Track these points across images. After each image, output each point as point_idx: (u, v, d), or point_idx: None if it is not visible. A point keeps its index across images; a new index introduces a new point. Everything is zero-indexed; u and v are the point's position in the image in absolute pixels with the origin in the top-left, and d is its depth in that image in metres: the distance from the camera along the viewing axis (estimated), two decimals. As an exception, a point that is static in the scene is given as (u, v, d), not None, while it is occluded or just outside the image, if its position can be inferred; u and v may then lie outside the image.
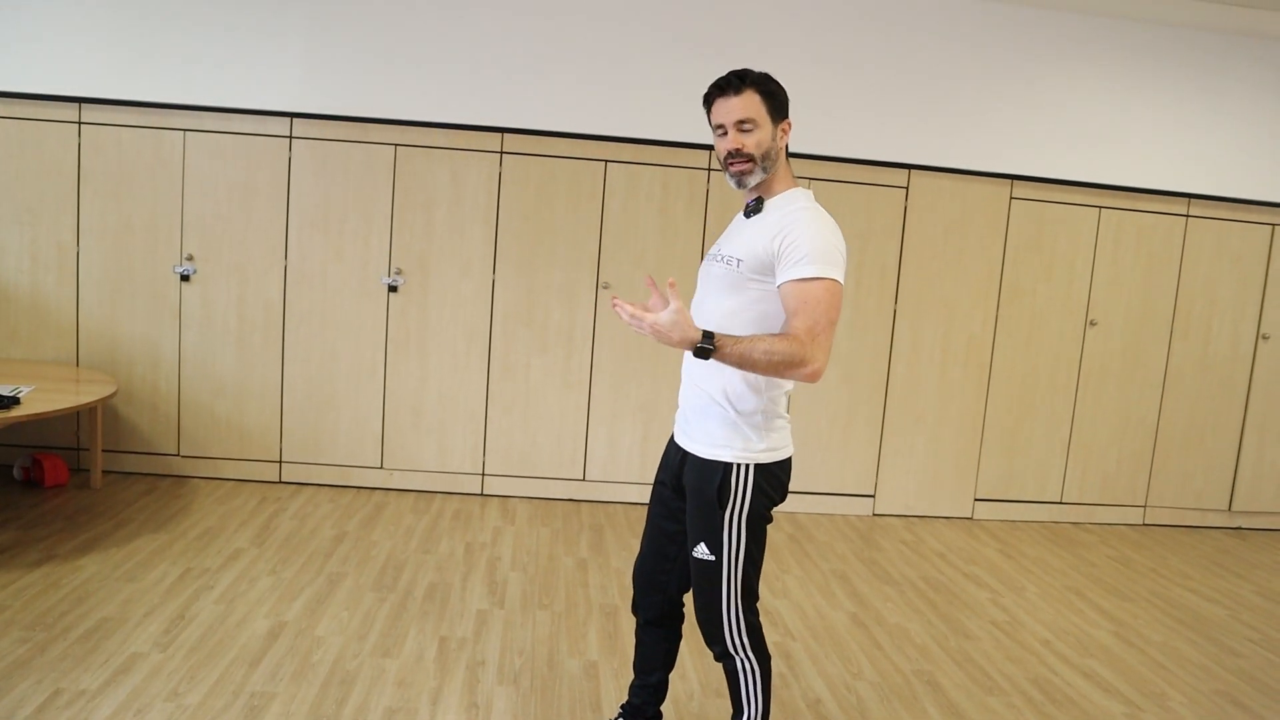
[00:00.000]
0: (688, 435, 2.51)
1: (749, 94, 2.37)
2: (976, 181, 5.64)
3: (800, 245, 2.30)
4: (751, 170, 2.39)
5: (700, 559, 2.46)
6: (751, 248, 2.39)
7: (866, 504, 5.80)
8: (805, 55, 5.42)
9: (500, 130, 5.31)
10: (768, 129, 2.39)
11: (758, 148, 2.37)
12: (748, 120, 2.37)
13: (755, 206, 2.46)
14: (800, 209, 2.38)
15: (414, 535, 4.78)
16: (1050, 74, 5.63)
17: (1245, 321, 6.00)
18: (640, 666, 2.86)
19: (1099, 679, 3.75)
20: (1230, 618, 4.55)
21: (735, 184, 2.43)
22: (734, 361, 2.25)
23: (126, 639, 3.40)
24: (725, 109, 2.38)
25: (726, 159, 2.41)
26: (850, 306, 5.61)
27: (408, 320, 5.40)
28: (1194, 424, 6.03)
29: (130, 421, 5.33)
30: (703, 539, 2.44)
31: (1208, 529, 6.10)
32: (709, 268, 2.51)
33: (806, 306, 2.27)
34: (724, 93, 2.38)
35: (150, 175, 5.19)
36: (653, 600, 2.74)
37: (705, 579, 2.47)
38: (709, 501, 2.44)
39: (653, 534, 2.70)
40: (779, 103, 2.42)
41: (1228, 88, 5.77)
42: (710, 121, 2.46)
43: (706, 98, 2.46)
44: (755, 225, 2.42)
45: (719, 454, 2.43)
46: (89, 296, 5.24)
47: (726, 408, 2.42)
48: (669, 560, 2.68)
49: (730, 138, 2.38)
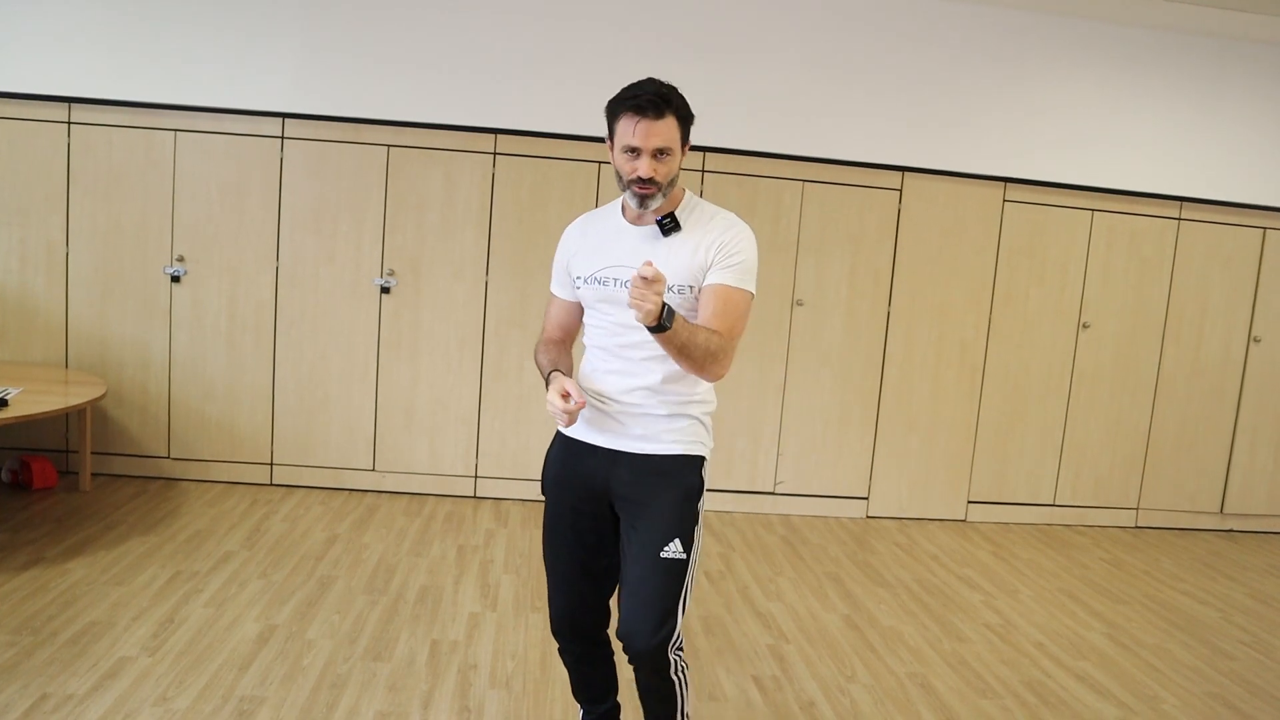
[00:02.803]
0: (643, 438, 2.41)
1: (670, 120, 2.27)
2: (969, 184, 5.64)
3: (738, 254, 2.34)
4: (655, 195, 2.31)
5: (671, 558, 2.34)
6: (688, 270, 2.34)
7: (860, 506, 5.79)
8: (797, 58, 5.42)
9: (493, 131, 5.29)
10: (678, 157, 2.32)
11: (666, 177, 2.30)
12: (666, 149, 2.28)
13: (670, 225, 2.36)
14: (732, 222, 2.39)
15: (406, 538, 4.76)
16: (1042, 77, 5.63)
17: (1237, 324, 6.00)
18: (588, 696, 2.73)
19: (1092, 681, 3.74)
20: (1222, 620, 4.55)
21: (637, 204, 2.33)
22: (680, 341, 2.20)
23: (115, 643, 3.38)
24: (645, 132, 2.25)
25: (633, 181, 2.30)
26: (844, 309, 5.61)
27: (400, 322, 5.38)
28: (1186, 426, 6.04)
29: (120, 423, 5.30)
30: (676, 536, 2.35)
31: (1200, 531, 6.10)
32: (620, 292, 2.34)
33: (730, 311, 2.32)
34: (646, 115, 2.24)
35: (141, 176, 5.16)
36: (583, 639, 2.61)
37: (672, 579, 2.34)
38: (686, 497, 2.40)
39: (574, 577, 2.52)
40: (689, 127, 2.36)
41: (1219, 91, 5.78)
42: (614, 132, 2.33)
43: (616, 111, 2.31)
44: (678, 245, 2.36)
45: (693, 449, 2.44)
46: (78, 297, 5.20)
47: (694, 406, 2.44)
48: (598, 597, 2.56)
49: (644, 164, 2.27)
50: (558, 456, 2.55)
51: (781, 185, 5.48)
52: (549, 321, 2.61)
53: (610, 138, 2.36)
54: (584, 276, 2.45)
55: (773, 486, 5.69)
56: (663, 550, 2.34)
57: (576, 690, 2.74)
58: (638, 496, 2.40)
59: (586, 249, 2.47)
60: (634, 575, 2.37)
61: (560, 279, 2.57)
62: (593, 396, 2.45)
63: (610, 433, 2.44)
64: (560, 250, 2.57)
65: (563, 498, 2.52)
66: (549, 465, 2.57)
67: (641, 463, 2.41)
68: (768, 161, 5.46)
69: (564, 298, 2.57)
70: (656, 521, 2.37)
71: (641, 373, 2.39)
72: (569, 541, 2.51)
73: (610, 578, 2.53)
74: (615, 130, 2.32)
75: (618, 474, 2.42)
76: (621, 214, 2.47)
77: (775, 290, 5.52)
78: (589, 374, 2.50)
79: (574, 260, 2.49)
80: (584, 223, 2.56)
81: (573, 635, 2.60)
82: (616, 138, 2.32)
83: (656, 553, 2.34)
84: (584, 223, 2.56)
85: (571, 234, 2.56)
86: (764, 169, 5.46)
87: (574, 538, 2.50)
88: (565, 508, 2.51)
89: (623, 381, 2.42)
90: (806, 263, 5.53)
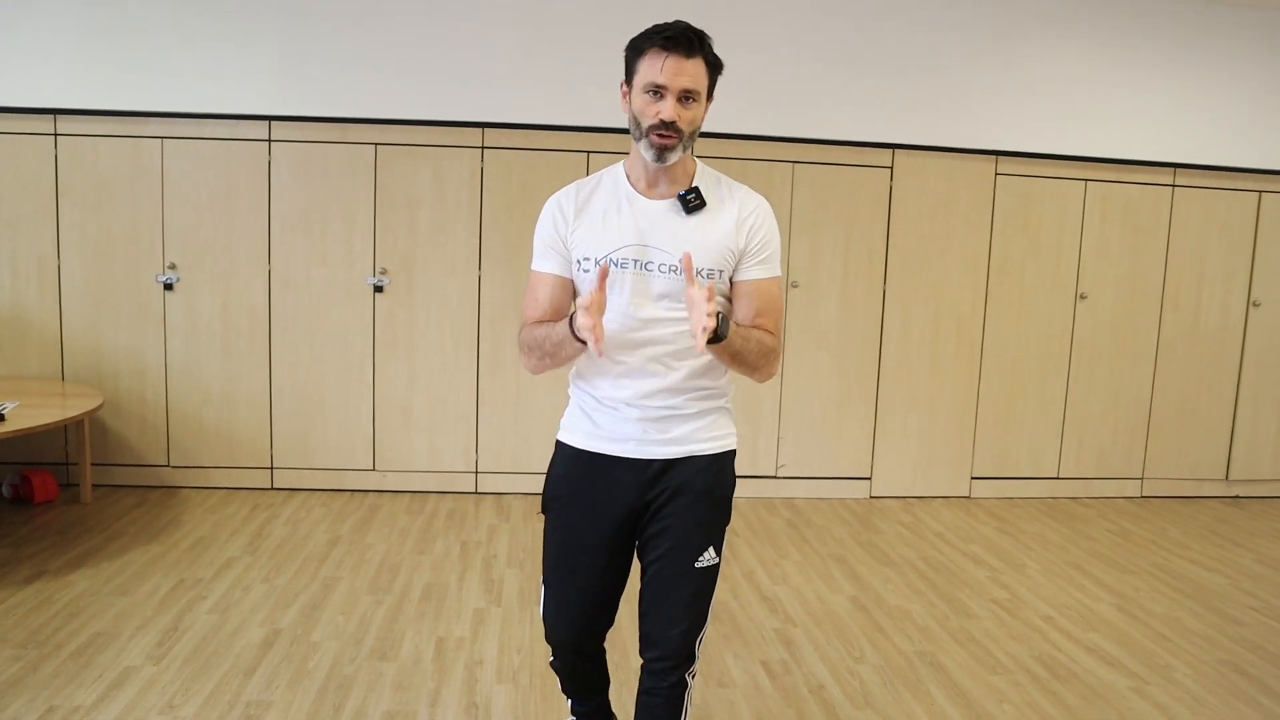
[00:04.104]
0: (675, 442, 2.21)
1: (700, 62, 2.07)
2: (961, 159, 5.61)
3: (770, 243, 2.19)
4: (676, 146, 2.08)
5: (706, 566, 2.20)
6: (719, 252, 2.15)
7: (863, 487, 5.78)
8: (784, 38, 5.38)
9: (481, 125, 5.26)
10: (703, 106, 2.12)
11: (690, 124, 2.08)
12: (693, 91, 2.07)
13: (695, 201, 2.14)
14: (754, 198, 2.21)
15: (408, 536, 4.75)
16: (1030, 48, 5.60)
17: (1235, 290, 5.98)
18: (582, 695, 2.56)
19: (1103, 653, 3.73)
20: (1231, 586, 4.53)
21: (654, 157, 2.08)
22: (735, 348, 2.09)
23: (120, 653, 3.36)
24: (674, 69, 2.04)
25: (653, 127, 2.07)
26: (839, 290, 5.58)
27: (395, 321, 5.36)
28: (1188, 394, 6.01)
29: (118, 434, 5.28)
30: (712, 543, 2.21)
31: (1205, 499, 6.09)
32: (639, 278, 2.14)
33: (772, 307, 2.20)
34: (676, 50, 2.04)
35: (129, 184, 5.13)
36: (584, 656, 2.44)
37: (706, 587, 2.21)
38: (722, 499, 2.27)
39: (586, 605, 2.30)
40: (717, 78, 2.15)
41: (1209, 56, 5.74)
42: (637, 73, 2.09)
43: (641, 47, 2.09)
44: (704, 222, 2.15)
45: (727, 444, 2.29)
46: (72, 309, 5.18)
47: (721, 397, 2.29)
48: (607, 619, 2.36)
49: (669, 105, 2.05)
50: (565, 474, 2.29)
51: (772, 167, 5.45)
52: (536, 303, 2.24)
53: (628, 80, 2.13)
54: (595, 257, 2.15)
55: (775, 470, 5.67)
56: (698, 560, 2.20)
57: (568, 690, 2.57)
58: (674, 504, 2.20)
59: (590, 223, 2.18)
60: (663, 584, 2.20)
61: (550, 255, 2.23)
62: (607, 403, 2.23)
63: (634, 441, 2.20)
64: (548, 224, 2.23)
65: (577, 518, 2.26)
66: (554, 484, 2.31)
67: (678, 469, 2.21)
68: (757, 144, 5.43)
69: (558, 272, 2.22)
70: (692, 531, 2.20)
71: (660, 371, 2.18)
72: (585, 568, 2.27)
73: (616, 599, 2.34)
74: (637, 69, 2.09)
75: (648, 484, 2.21)
76: (629, 183, 2.21)
77: (770, 274, 5.48)
78: (592, 376, 2.25)
79: (576, 238, 2.19)
80: (575, 194, 2.23)
81: (575, 655, 2.42)
82: (638, 77, 2.09)
83: (691, 564, 2.19)
84: (575, 194, 2.23)
85: (563, 206, 2.22)
86: (754, 152, 5.43)
87: (590, 562, 2.26)
88: (581, 529, 2.26)
89: (641, 384, 2.19)
90: (800, 244, 5.50)
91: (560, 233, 2.21)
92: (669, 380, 2.19)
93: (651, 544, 2.23)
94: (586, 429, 2.25)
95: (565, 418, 2.34)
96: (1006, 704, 3.29)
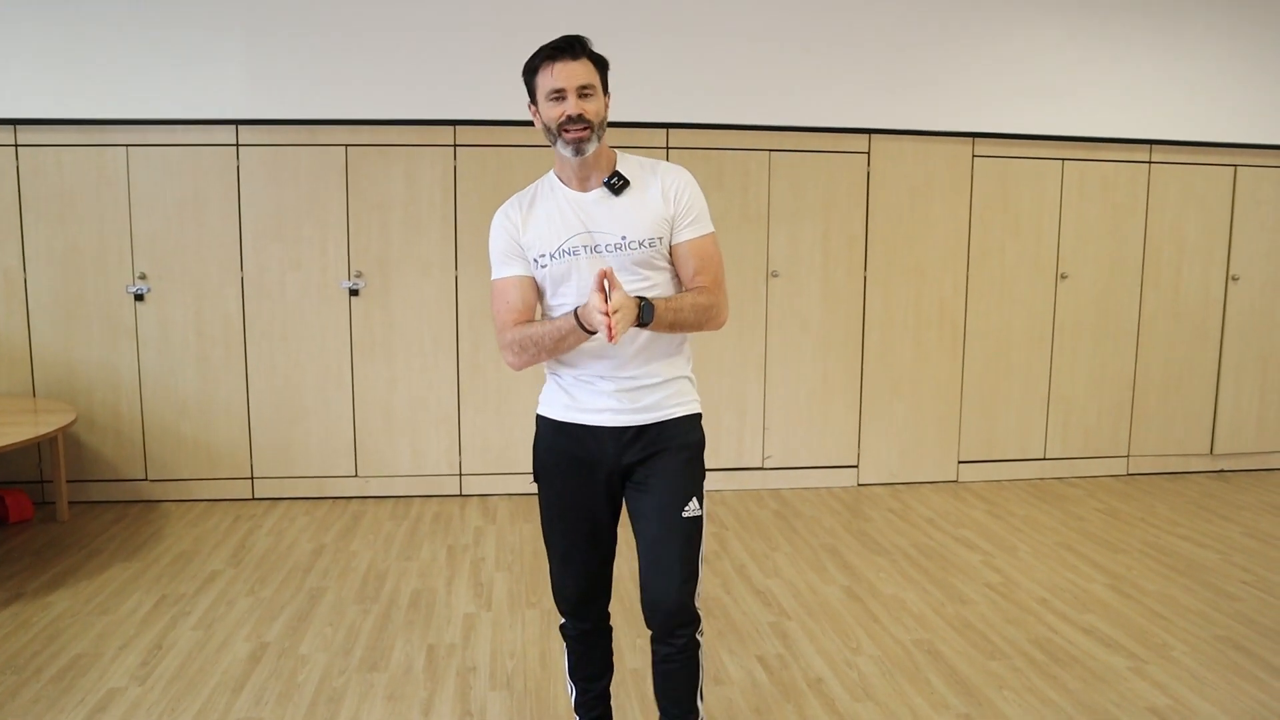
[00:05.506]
0: (646, 409, 2.42)
1: (585, 62, 2.31)
2: (938, 142, 5.58)
3: (694, 205, 2.40)
4: (589, 138, 2.30)
5: (691, 516, 2.42)
6: (653, 222, 2.37)
7: (850, 475, 5.75)
8: (757, 25, 5.33)
9: (452, 123, 5.19)
10: (601, 98, 2.34)
11: (595, 115, 2.31)
12: (589, 86, 2.30)
13: (619, 183, 2.38)
14: (673, 169, 2.43)
15: (394, 542, 4.68)
16: (1003, 29, 5.57)
17: (1214, 264, 5.98)
18: (586, 674, 2.71)
19: (1100, 634, 3.71)
20: (1223, 561, 4.53)
21: (573, 153, 2.31)
22: (669, 321, 2.30)
23: (103, 675, 3.28)
24: (567, 73, 2.28)
25: (563, 125, 2.29)
26: (820, 277, 5.55)
27: (372, 324, 5.28)
28: (1171, 370, 6.02)
29: (94, 449, 5.18)
30: (693, 495, 2.43)
31: (1191, 474, 6.10)
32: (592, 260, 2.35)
33: (708, 262, 2.41)
34: (562, 56, 2.28)
35: (95, 194, 5.03)
36: (595, 617, 2.64)
37: (694, 536, 2.43)
38: (696, 455, 2.48)
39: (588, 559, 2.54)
40: (606, 74, 2.38)
41: (1180, 30, 5.73)
42: (537, 89, 2.34)
43: (535, 65, 2.34)
44: (633, 200, 2.38)
45: (692, 408, 2.50)
46: (41, 324, 5.08)
47: (683, 365, 2.49)
48: (606, 572, 2.60)
49: (570, 103, 2.28)
50: (551, 444, 2.51)
51: (748, 156, 5.40)
52: (509, 308, 2.43)
53: (533, 101, 2.37)
54: (549, 252, 2.38)
55: (761, 461, 5.63)
56: (684, 510, 2.41)
57: (574, 669, 2.71)
58: (651, 464, 2.42)
59: (537, 225, 2.41)
60: (653, 539, 2.42)
61: (510, 260, 2.44)
62: (582, 378, 2.43)
63: (609, 411, 2.42)
64: (500, 234, 2.45)
65: (565, 482, 2.50)
66: (541, 454, 2.54)
67: (653, 433, 2.42)
68: (732, 133, 5.38)
69: (521, 273, 2.43)
70: (674, 484, 2.42)
71: (625, 346, 2.38)
72: (580, 524, 2.51)
73: (612, 551, 2.57)
74: (536, 86, 2.34)
75: (626, 448, 2.42)
76: (562, 184, 2.43)
77: (749, 263, 5.45)
78: (567, 360, 2.44)
79: (527, 239, 2.41)
80: (518, 203, 2.47)
81: (585, 615, 2.62)
82: (539, 92, 2.33)
83: (678, 514, 2.40)
84: (518, 203, 2.47)
85: (510, 215, 2.46)
86: (729, 141, 5.38)
87: (583, 518, 2.50)
88: (570, 491, 2.50)
89: (612, 357, 2.40)
90: (779, 233, 5.46)
91: (515, 238, 2.44)
92: (635, 348, 2.39)
93: (640, 505, 2.45)
94: (565, 403, 2.46)
95: (544, 394, 2.55)
96: (1007, 690, 3.27)
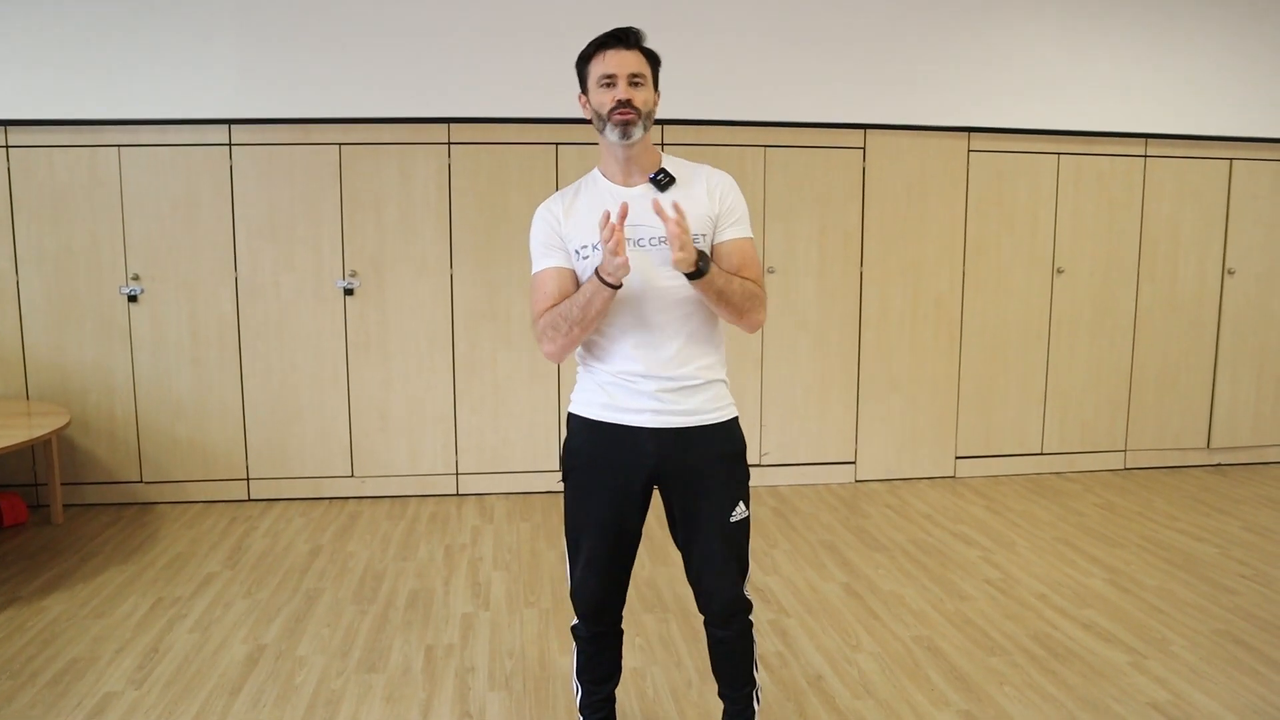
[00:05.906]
0: (687, 413, 2.41)
1: (638, 53, 2.37)
2: (933, 137, 5.57)
3: (738, 207, 2.44)
4: (636, 123, 2.33)
5: (739, 520, 2.46)
6: (697, 218, 2.36)
7: (848, 471, 5.74)
8: (752, 21, 5.32)
9: (446, 121, 5.17)
10: (651, 91, 2.39)
11: (644, 104, 2.35)
12: (639, 75, 2.35)
13: (665, 179, 2.40)
14: (717, 172, 2.47)
15: (391, 543, 4.66)
16: (998, 24, 5.55)
17: (1210, 258, 5.98)
18: (594, 677, 2.68)
19: (1099, 629, 3.70)
20: (1221, 555, 4.53)
21: (620, 135, 2.33)
22: (719, 286, 2.30)
23: (99, 679, 3.26)
24: (619, 60, 2.33)
25: (613, 110, 2.33)
26: (816, 273, 5.54)
27: (367, 323, 5.26)
28: (1167, 364, 6.02)
29: (88, 451, 5.16)
30: (740, 499, 2.47)
31: (1188, 468, 6.10)
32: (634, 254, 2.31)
33: (751, 261, 2.43)
34: (616, 45, 2.34)
35: (87, 195, 5.01)
36: (608, 620, 2.62)
37: (742, 538, 2.49)
38: (740, 459, 2.51)
39: (612, 563, 2.53)
40: (658, 69, 2.43)
41: (1175, 24, 5.72)
42: (589, 75, 2.38)
43: (588, 54, 2.39)
44: (678, 196, 2.35)
45: (731, 411, 2.51)
46: (33, 326, 5.05)
47: (720, 370, 2.49)
48: (626, 578, 2.60)
49: (620, 88, 2.33)
50: (585, 445, 2.49)
51: (743, 152, 5.39)
52: (547, 295, 2.41)
53: (584, 88, 2.41)
54: (591, 244, 2.36)
55: (759, 458, 5.62)
56: (732, 515, 2.45)
57: (583, 670, 2.68)
58: (696, 469, 2.43)
59: (579, 216, 2.41)
60: (704, 544, 2.45)
61: (550, 251, 2.43)
62: (622, 377, 2.41)
63: (649, 412, 2.41)
64: (542, 227, 2.45)
65: (599, 485, 2.47)
66: (575, 454, 2.51)
67: (695, 436, 2.42)
68: (727, 130, 5.37)
69: (561, 264, 2.42)
70: (722, 491, 2.45)
71: (667, 344, 2.39)
72: (609, 528, 2.48)
73: (634, 556, 2.57)
74: (589, 74, 2.38)
75: (668, 452, 2.42)
76: (606, 180, 2.45)
77: (746, 260, 5.43)
78: (604, 356, 2.43)
79: (570, 232, 2.41)
80: (563, 198, 2.48)
81: (600, 618, 2.61)
82: (590, 79, 2.37)
83: (726, 519, 2.44)
84: (563, 198, 2.48)
85: (553, 209, 2.46)
86: (724, 137, 5.37)
87: (613, 523, 2.48)
88: (603, 494, 2.47)
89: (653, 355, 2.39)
90: (774, 229, 5.45)
91: (556, 230, 2.43)
92: (675, 348, 2.39)
93: (687, 513, 2.47)
94: (603, 401, 2.45)
95: (577, 392, 2.53)
96: (1007, 686, 3.26)
